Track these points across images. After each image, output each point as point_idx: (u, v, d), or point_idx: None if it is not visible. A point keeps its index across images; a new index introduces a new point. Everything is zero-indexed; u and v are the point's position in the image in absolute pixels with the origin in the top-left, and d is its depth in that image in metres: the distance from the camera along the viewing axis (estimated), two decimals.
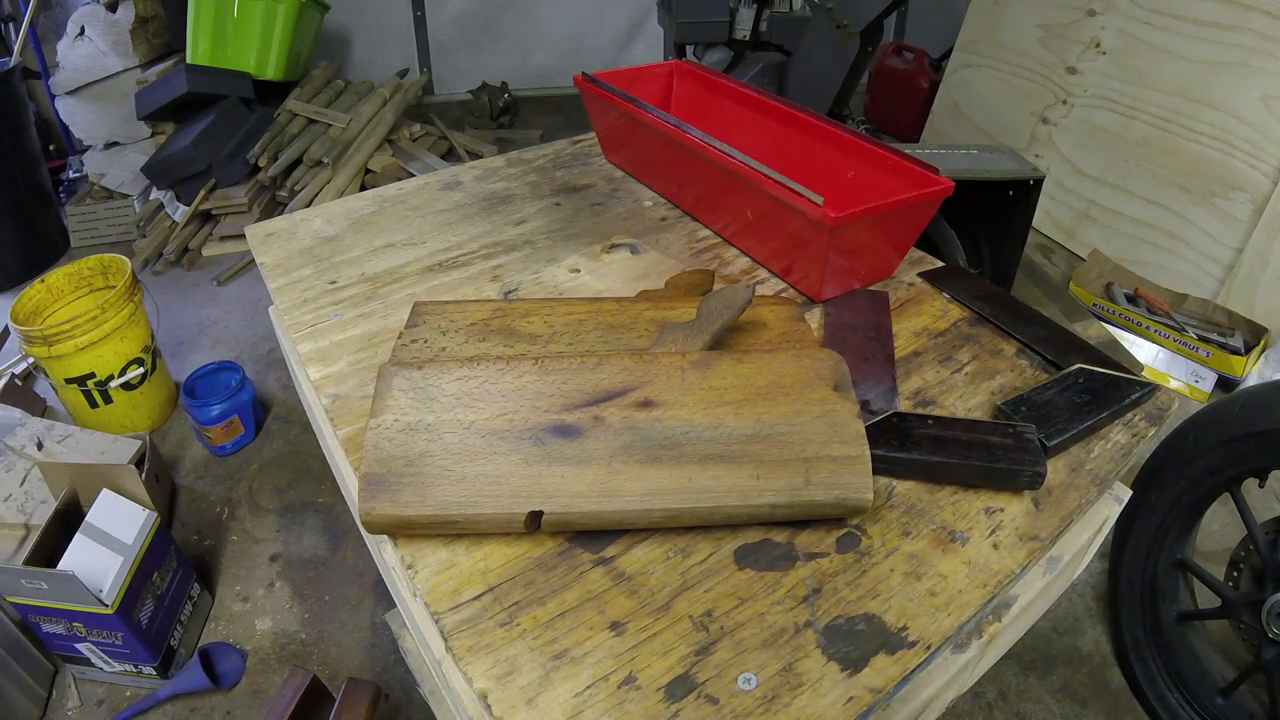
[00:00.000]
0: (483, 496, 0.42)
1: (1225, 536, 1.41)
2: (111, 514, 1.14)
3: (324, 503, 1.55)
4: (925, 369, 0.58)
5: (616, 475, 0.42)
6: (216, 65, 2.43)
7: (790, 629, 0.40)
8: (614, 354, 0.47)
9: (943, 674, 0.45)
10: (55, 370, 1.54)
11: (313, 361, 0.59)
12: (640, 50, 3.60)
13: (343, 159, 2.37)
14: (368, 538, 0.50)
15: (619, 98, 0.77)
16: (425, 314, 0.54)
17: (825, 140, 0.72)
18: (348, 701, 0.99)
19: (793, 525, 0.46)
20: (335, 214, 0.78)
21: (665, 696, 0.37)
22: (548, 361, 0.46)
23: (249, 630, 1.31)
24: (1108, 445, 0.53)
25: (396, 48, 3.44)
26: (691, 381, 0.45)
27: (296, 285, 0.68)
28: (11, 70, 2.17)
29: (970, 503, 0.48)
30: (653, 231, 0.76)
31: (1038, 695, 1.22)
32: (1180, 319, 1.86)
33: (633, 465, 0.42)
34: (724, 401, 0.34)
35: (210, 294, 2.21)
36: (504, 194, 0.83)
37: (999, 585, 0.43)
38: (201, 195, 2.27)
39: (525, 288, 0.68)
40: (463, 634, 0.40)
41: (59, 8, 2.58)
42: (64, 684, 1.22)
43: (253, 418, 1.69)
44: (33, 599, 1.06)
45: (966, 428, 0.50)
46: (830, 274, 0.63)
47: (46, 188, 2.39)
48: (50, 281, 1.64)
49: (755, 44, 2.47)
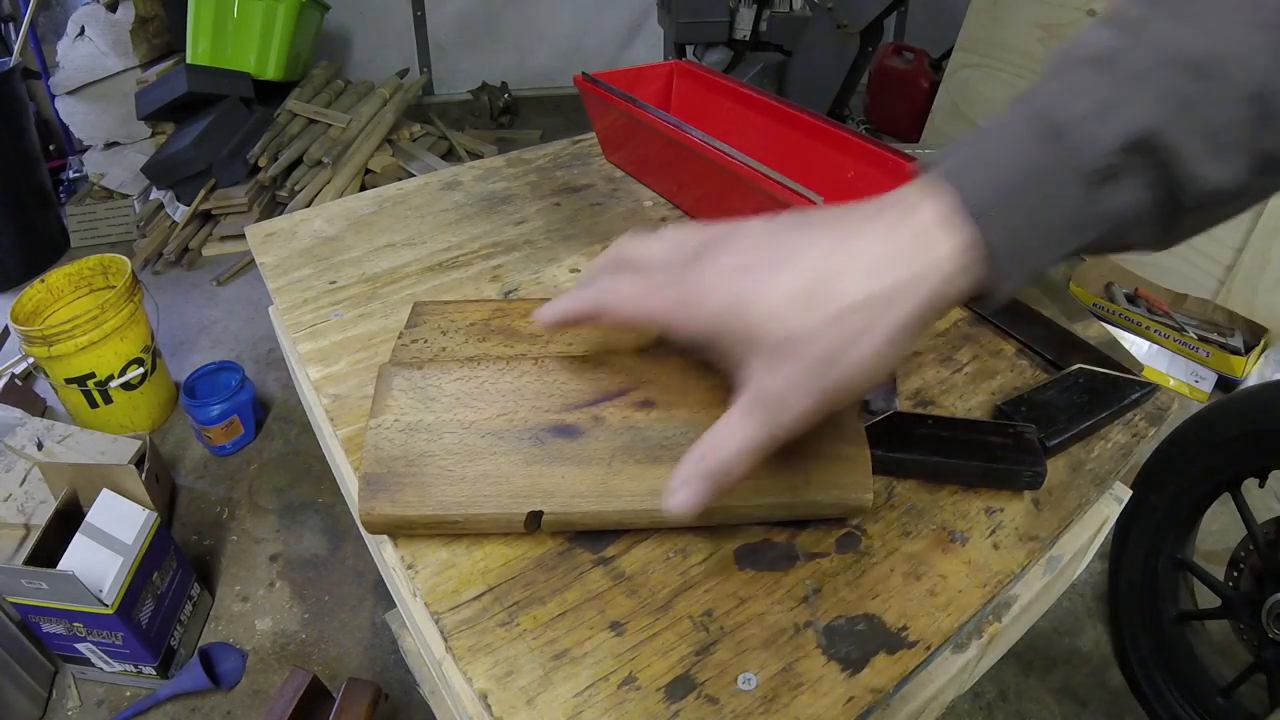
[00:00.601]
0: (483, 496, 0.42)
1: (1225, 536, 1.41)
2: (111, 514, 1.14)
3: (324, 503, 1.55)
4: (925, 369, 0.58)
5: (616, 475, 0.42)
6: (216, 65, 2.43)
7: (790, 629, 0.40)
8: (614, 353, 0.47)
9: (943, 674, 0.45)
10: (55, 370, 1.54)
11: (313, 361, 0.59)
12: (640, 50, 3.60)
13: (343, 159, 2.37)
14: (368, 538, 0.50)
15: (619, 98, 0.77)
16: (425, 314, 0.54)
17: (825, 140, 0.72)
18: (348, 701, 0.99)
19: (793, 525, 0.46)
20: (335, 214, 0.78)
21: (665, 696, 0.37)
22: (547, 361, 0.46)
23: (249, 630, 1.31)
24: (1108, 445, 0.53)
25: (396, 48, 3.44)
26: (692, 382, 0.45)
27: (296, 285, 0.68)
28: (11, 70, 2.17)
29: (970, 503, 0.48)
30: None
31: (1038, 695, 1.22)
32: (1180, 319, 1.86)
33: (632, 465, 0.42)
34: (724, 402, 0.34)
35: (210, 294, 2.21)
36: (504, 194, 0.83)
37: (999, 585, 0.43)
38: (201, 195, 2.27)
39: (525, 288, 0.68)
40: (463, 634, 0.40)
41: (59, 8, 2.58)
42: (64, 684, 1.22)
43: (253, 418, 1.69)
44: (33, 599, 1.06)
45: (966, 428, 0.50)
46: None
47: (46, 188, 2.39)
48: (50, 281, 1.64)
49: (755, 44, 2.47)
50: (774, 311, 0.31)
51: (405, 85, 2.79)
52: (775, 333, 0.31)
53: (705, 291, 0.33)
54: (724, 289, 0.33)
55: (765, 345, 0.31)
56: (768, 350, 0.31)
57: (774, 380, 0.32)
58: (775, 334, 0.31)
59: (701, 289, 0.33)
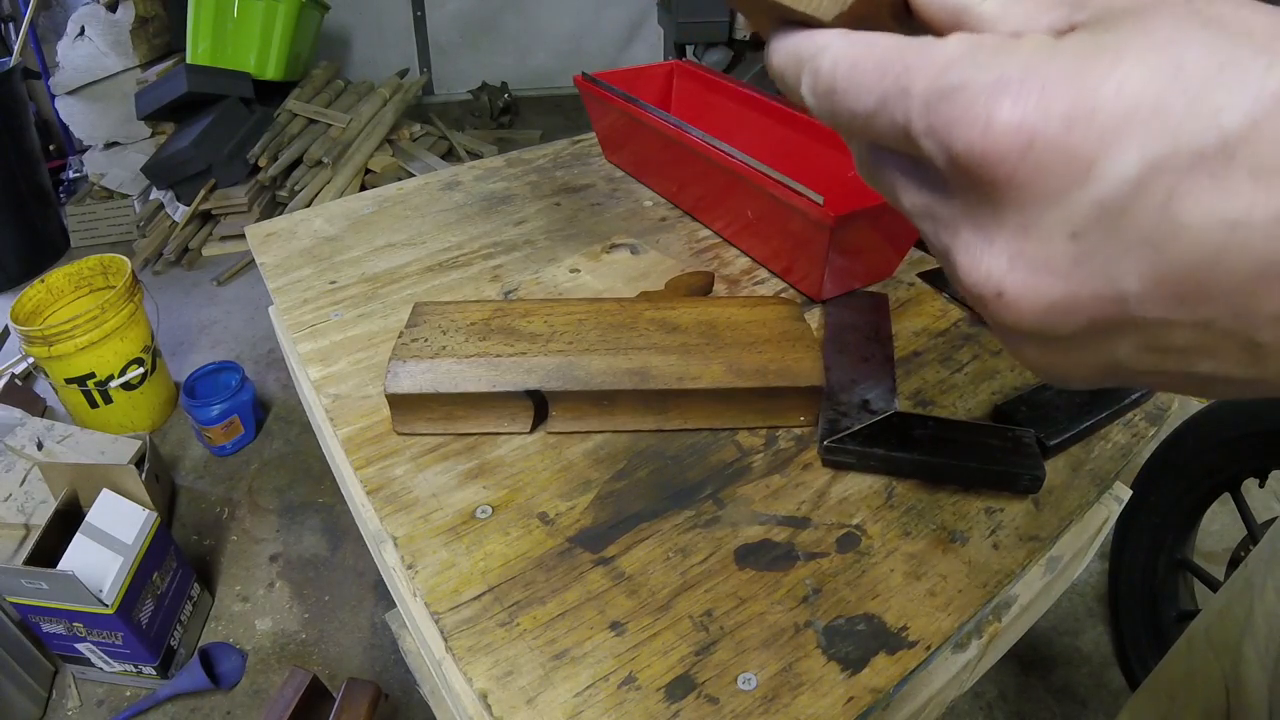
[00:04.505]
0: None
1: (1225, 536, 1.41)
2: (111, 514, 1.14)
3: (324, 503, 1.55)
4: (925, 369, 0.58)
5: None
6: (216, 65, 2.43)
7: (790, 629, 0.40)
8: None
9: (943, 674, 0.45)
10: (55, 370, 1.54)
11: (313, 361, 0.59)
12: (640, 50, 3.60)
13: (343, 159, 2.37)
14: (367, 538, 0.50)
15: (619, 98, 0.77)
16: (425, 314, 0.54)
17: (825, 140, 0.72)
18: (348, 701, 0.99)
19: (793, 525, 0.46)
20: (335, 214, 0.78)
21: (665, 696, 0.37)
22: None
23: (249, 630, 1.31)
24: (1108, 445, 0.53)
25: (396, 48, 3.44)
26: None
27: (296, 285, 0.68)
28: (11, 70, 2.17)
29: (970, 503, 0.48)
30: (653, 231, 0.76)
31: (1038, 695, 1.22)
32: None
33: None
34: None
35: (210, 294, 2.21)
36: (504, 194, 0.83)
37: (999, 585, 0.43)
38: (201, 195, 2.27)
39: (525, 288, 0.68)
40: (463, 634, 0.40)
41: (59, 8, 2.58)
42: (64, 684, 1.22)
43: (253, 418, 1.69)
44: (33, 599, 1.06)
45: (966, 429, 0.50)
46: (831, 273, 0.63)
47: (46, 188, 2.39)
48: (50, 281, 1.64)
49: (755, 44, 2.47)
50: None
51: (405, 85, 2.79)
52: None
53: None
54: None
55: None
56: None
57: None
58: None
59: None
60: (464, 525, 0.46)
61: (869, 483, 0.49)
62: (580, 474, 0.49)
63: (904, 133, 0.18)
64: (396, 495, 0.48)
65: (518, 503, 0.47)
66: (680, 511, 0.47)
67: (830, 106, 0.20)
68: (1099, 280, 0.17)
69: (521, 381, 0.50)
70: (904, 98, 0.18)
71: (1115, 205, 0.16)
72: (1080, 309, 0.17)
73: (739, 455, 0.51)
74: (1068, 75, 0.16)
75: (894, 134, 0.19)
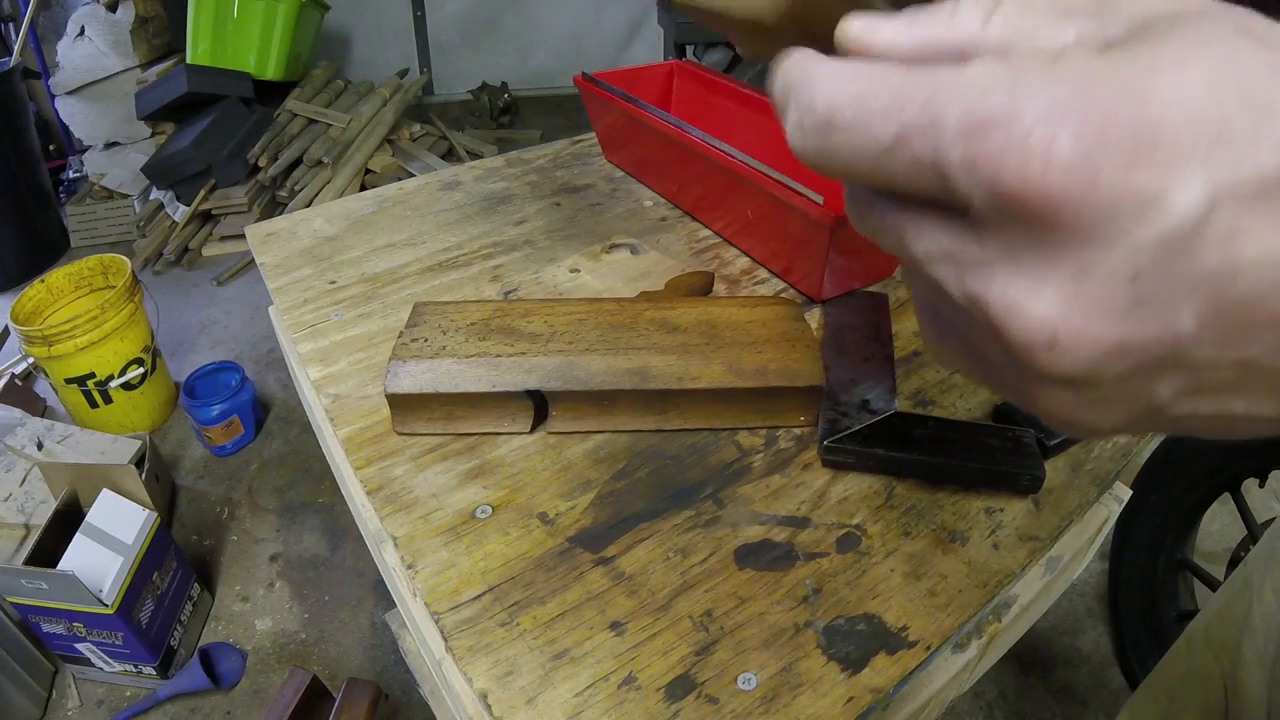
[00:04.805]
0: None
1: (1225, 536, 1.41)
2: (111, 514, 1.14)
3: (324, 503, 1.55)
4: (925, 369, 0.58)
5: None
6: (216, 65, 2.43)
7: (790, 629, 0.40)
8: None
9: (943, 674, 0.45)
10: (55, 370, 1.54)
11: (313, 361, 0.59)
12: (640, 50, 3.60)
13: (343, 159, 2.37)
14: (367, 538, 0.50)
15: (619, 98, 0.77)
16: (425, 314, 0.54)
17: None
18: (348, 701, 0.99)
19: (793, 525, 0.46)
20: (335, 214, 0.78)
21: (665, 696, 0.37)
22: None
23: (249, 630, 1.31)
24: (1108, 445, 0.53)
25: (396, 48, 3.44)
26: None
27: (296, 285, 0.68)
28: (11, 70, 2.17)
29: (970, 503, 0.48)
30: (653, 231, 0.76)
31: (1038, 695, 1.22)
32: None
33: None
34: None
35: (210, 294, 2.21)
36: (504, 194, 0.83)
37: (999, 585, 0.43)
38: (201, 195, 2.27)
39: (525, 288, 0.68)
40: (463, 634, 0.40)
41: (59, 8, 2.58)
42: (64, 684, 1.22)
43: (253, 418, 1.69)
44: (33, 599, 1.06)
45: (966, 429, 0.50)
46: (830, 273, 0.63)
47: (46, 188, 2.39)
48: (50, 281, 1.64)
49: None
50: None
51: (405, 85, 2.79)
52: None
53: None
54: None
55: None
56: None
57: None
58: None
59: None
60: (464, 525, 0.46)
61: (869, 483, 0.49)
62: (580, 474, 0.49)
63: (931, 169, 0.16)
64: (396, 495, 0.48)
65: (518, 503, 0.47)
66: (680, 511, 0.47)
67: (826, 145, 0.18)
68: (1157, 322, 0.15)
69: (521, 381, 0.50)
70: (932, 130, 0.16)
71: (1179, 241, 0.15)
72: (1132, 353, 0.16)
73: (739, 455, 0.51)
74: (1126, 98, 0.14)
75: (914, 172, 0.17)
